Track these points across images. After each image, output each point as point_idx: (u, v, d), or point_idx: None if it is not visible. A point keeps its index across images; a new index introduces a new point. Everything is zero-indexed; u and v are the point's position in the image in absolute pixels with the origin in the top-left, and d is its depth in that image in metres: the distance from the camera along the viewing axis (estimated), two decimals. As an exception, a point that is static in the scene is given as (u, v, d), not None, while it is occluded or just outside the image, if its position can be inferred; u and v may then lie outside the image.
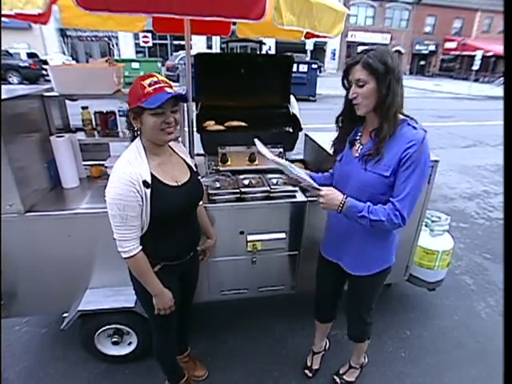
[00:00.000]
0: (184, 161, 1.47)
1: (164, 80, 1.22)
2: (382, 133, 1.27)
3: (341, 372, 2.02)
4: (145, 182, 1.23)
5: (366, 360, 2.07)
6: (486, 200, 4.81)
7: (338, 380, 1.99)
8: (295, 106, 2.80)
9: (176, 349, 1.90)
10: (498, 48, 25.67)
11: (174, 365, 1.81)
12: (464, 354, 2.25)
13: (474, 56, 18.58)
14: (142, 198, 1.23)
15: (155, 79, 1.20)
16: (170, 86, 1.23)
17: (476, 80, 23.35)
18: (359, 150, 1.39)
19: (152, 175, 1.26)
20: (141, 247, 1.31)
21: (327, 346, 2.18)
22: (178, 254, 1.47)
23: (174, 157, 1.43)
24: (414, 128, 1.27)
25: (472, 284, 2.97)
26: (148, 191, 1.23)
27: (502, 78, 23.01)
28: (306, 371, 2.06)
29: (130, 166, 1.21)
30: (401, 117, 1.29)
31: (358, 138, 1.43)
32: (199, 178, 1.52)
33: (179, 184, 1.35)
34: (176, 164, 1.41)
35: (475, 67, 18.25)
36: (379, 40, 28.57)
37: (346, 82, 1.33)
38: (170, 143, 1.41)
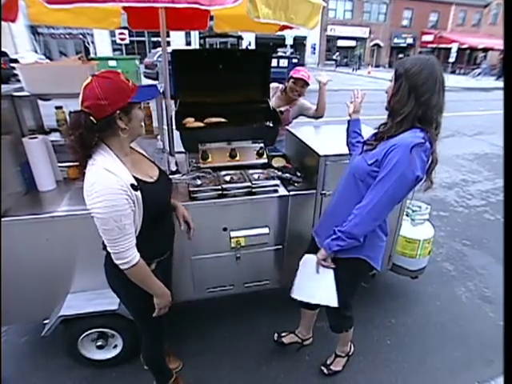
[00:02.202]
0: (143, 155, 1.45)
1: None
2: (384, 128, 1.36)
3: (328, 362, 2.05)
4: (133, 186, 1.18)
5: (352, 349, 2.10)
6: (464, 188, 4.96)
7: (325, 370, 2.02)
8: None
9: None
10: (473, 40, 26.45)
11: (163, 366, 1.79)
12: (447, 338, 2.32)
13: (450, 48, 19.00)
14: (134, 202, 1.19)
15: (125, 75, 1.19)
16: None
17: (453, 72, 23.92)
18: None
19: (134, 177, 1.22)
20: (139, 253, 1.24)
21: (309, 341, 2.20)
22: (166, 247, 1.48)
23: (136, 154, 1.40)
24: (414, 133, 1.28)
25: (453, 270, 3.06)
26: (138, 194, 1.20)
27: (476, 70, 23.70)
28: (275, 334, 2.17)
29: (112, 174, 1.14)
30: (417, 127, 1.30)
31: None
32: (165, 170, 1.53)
33: (155, 179, 1.35)
34: (141, 160, 1.40)
35: (451, 59, 18.69)
36: (358, 34, 28.87)
37: None
38: None
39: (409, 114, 1.28)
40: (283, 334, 2.17)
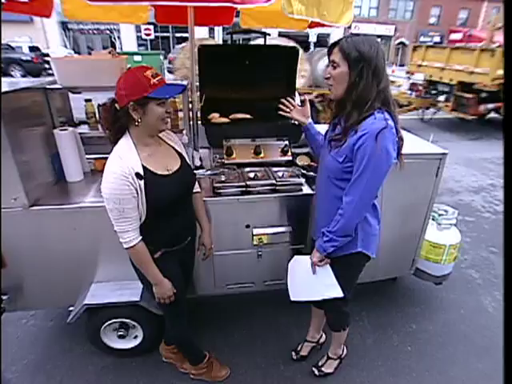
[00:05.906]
0: (174, 149, 1.49)
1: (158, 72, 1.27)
2: (348, 120, 1.29)
3: (319, 364, 2.02)
4: (137, 174, 1.26)
5: (345, 352, 2.06)
6: (492, 193, 4.76)
7: (316, 372, 1.99)
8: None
9: (167, 339, 1.99)
10: (505, 39, 25.26)
11: (192, 348, 1.89)
12: (470, 349, 2.24)
13: (479, 47, 18.24)
14: (137, 190, 1.26)
15: (154, 71, 1.23)
16: None
17: (482, 72, 22.96)
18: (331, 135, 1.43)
19: (144, 167, 1.29)
20: (140, 237, 1.34)
21: (321, 340, 2.17)
22: (177, 240, 1.51)
23: (163, 146, 1.45)
24: (375, 118, 1.24)
25: (478, 278, 2.95)
26: (142, 183, 1.27)
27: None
28: (293, 353, 2.10)
29: (122, 161, 1.24)
30: (376, 109, 1.26)
31: (337, 123, 1.45)
32: (190, 164, 1.54)
33: (170, 172, 1.38)
34: (166, 152, 1.44)
35: (481, 59, 17.94)
36: (383, 32, 28.17)
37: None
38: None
39: (374, 99, 1.24)
40: (298, 349, 2.12)
